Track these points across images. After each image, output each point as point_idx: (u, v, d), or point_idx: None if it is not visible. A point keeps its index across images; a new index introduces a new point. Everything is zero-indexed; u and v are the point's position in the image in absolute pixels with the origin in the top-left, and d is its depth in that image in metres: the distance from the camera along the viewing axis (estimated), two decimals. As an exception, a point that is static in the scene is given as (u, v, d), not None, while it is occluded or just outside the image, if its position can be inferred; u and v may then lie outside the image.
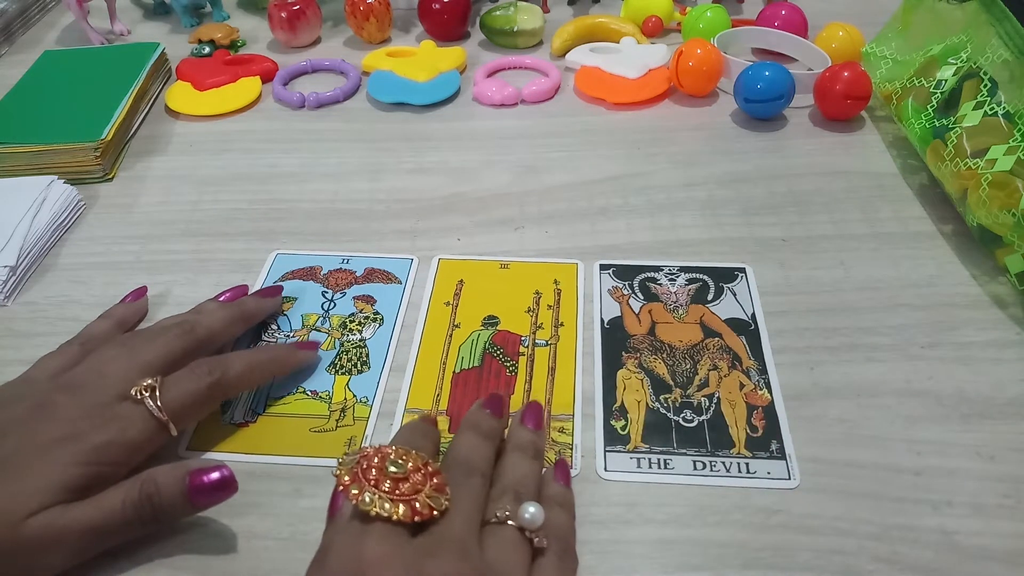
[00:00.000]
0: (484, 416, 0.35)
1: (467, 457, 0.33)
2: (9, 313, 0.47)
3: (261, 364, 0.40)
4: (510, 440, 0.35)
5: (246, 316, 0.43)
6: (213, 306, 0.42)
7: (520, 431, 0.36)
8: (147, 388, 0.35)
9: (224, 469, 0.33)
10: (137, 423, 0.34)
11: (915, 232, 0.51)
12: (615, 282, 0.48)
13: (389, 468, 0.29)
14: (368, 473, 0.29)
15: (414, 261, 0.50)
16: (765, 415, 0.40)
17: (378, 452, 0.30)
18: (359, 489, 0.28)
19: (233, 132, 0.63)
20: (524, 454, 0.34)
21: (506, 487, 0.32)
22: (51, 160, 0.57)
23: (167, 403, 0.35)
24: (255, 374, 0.39)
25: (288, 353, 0.42)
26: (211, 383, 0.36)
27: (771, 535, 0.35)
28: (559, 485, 0.35)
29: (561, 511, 0.33)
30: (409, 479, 0.29)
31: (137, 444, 0.34)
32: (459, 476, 0.31)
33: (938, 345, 0.43)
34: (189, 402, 0.36)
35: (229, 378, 0.37)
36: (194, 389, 0.36)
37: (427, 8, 0.73)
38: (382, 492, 0.28)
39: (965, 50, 0.52)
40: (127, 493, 0.32)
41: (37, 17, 0.82)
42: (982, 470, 0.37)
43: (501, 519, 0.30)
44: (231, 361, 0.38)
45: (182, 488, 0.33)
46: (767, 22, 0.70)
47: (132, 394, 0.34)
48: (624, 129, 0.62)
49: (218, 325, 0.40)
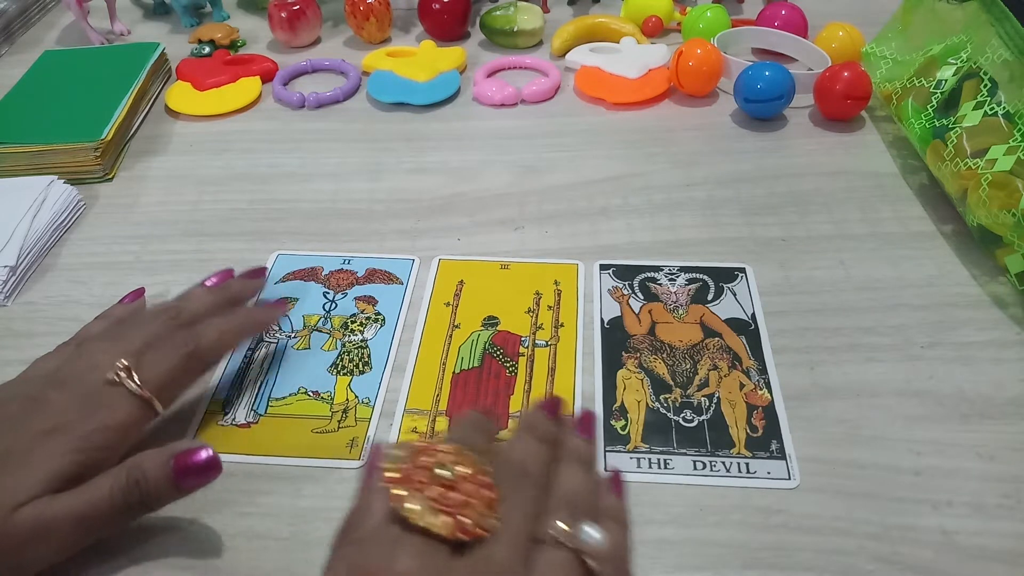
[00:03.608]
0: (541, 418, 0.33)
1: (522, 461, 0.30)
2: (9, 313, 0.47)
3: (233, 329, 0.40)
4: (565, 448, 0.32)
5: (231, 298, 0.43)
6: (199, 291, 0.42)
7: (576, 440, 0.33)
8: (123, 369, 0.35)
9: (208, 449, 0.33)
10: (122, 405, 0.34)
11: (915, 232, 0.51)
12: (615, 282, 0.48)
13: (439, 472, 0.27)
14: (417, 473, 0.27)
15: (415, 261, 0.50)
16: (765, 415, 0.40)
17: (431, 450, 0.28)
18: (404, 490, 0.26)
19: (233, 132, 0.63)
20: (580, 465, 0.31)
21: (560, 500, 0.29)
22: (51, 160, 0.57)
23: (146, 380, 0.35)
24: (228, 339, 0.40)
25: (258, 312, 0.43)
26: (186, 353, 0.37)
27: (771, 535, 0.35)
28: (613, 498, 0.31)
29: (616, 528, 0.30)
30: (459, 488, 0.27)
31: (125, 426, 0.34)
32: (512, 482, 0.28)
33: (938, 345, 0.43)
34: (167, 376, 0.36)
35: (204, 346, 0.38)
36: (170, 363, 0.36)
37: (427, 8, 0.73)
38: (428, 499, 0.26)
39: (965, 50, 0.52)
40: (114, 480, 0.32)
41: (37, 17, 0.82)
42: (982, 470, 0.37)
43: (556, 539, 0.27)
44: (204, 330, 0.39)
45: (168, 471, 0.33)
46: (767, 22, 0.70)
47: (110, 377, 0.35)
48: (624, 129, 0.62)
49: (203, 309, 0.41)
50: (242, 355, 0.44)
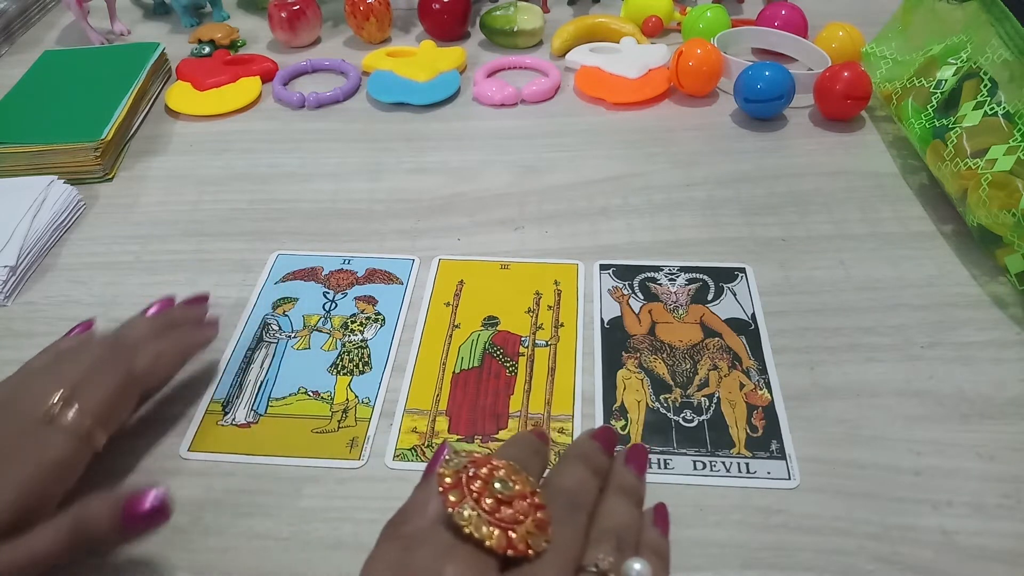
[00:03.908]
0: (594, 449, 0.32)
1: (573, 490, 0.30)
2: (9, 313, 0.47)
3: (169, 351, 0.40)
4: (613, 480, 0.32)
5: (172, 324, 0.42)
6: (139, 320, 0.41)
7: (625, 473, 0.32)
8: (58, 402, 0.33)
9: (159, 492, 0.31)
10: (57, 442, 0.33)
11: (915, 232, 0.51)
12: (615, 282, 0.48)
13: (495, 485, 0.27)
14: (473, 483, 0.27)
15: (415, 261, 0.50)
16: (765, 415, 0.40)
17: (488, 463, 0.28)
18: (459, 497, 0.26)
19: (233, 132, 0.63)
20: (628, 498, 0.31)
21: (606, 532, 0.29)
22: (51, 160, 0.57)
23: (83, 410, 0.33)
24: (165, 361, 0.39)
25: (192, 333, 0.42)
26: (122, 377, 0.36)
27: (771, 535, 0.35)
28: (656, 532, 0.31)
29: (658, 563, 0.30)
30: (513, 504, 0.27)
31: (61, 464, 0.32)
32: (562, 509, 0.28)
33: (938, 345, 0.43)
34: (105, 403, 0.34)
35: (140, 369, 0.37)
36: (107, 390, 0.35)
37: (427, 8, 0.73)
38: (482, 510, 0.26)
39: (965, 50, 0.52)
40: (57, 530, 0.30)
41: (37, 17, 0.82)
42: (982, 470, 0.37)
43: (601, 571, 0.27)
44: (140, 353, 0.38)
45: (116, 519, 0.31)
46: (767, 22, 0.70)
47: (47, 413, 0.33)
48: (624, 129, 0.62)
49: (142, 335, 0.39)
50: (242, 355, 0.44)
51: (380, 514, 0.30)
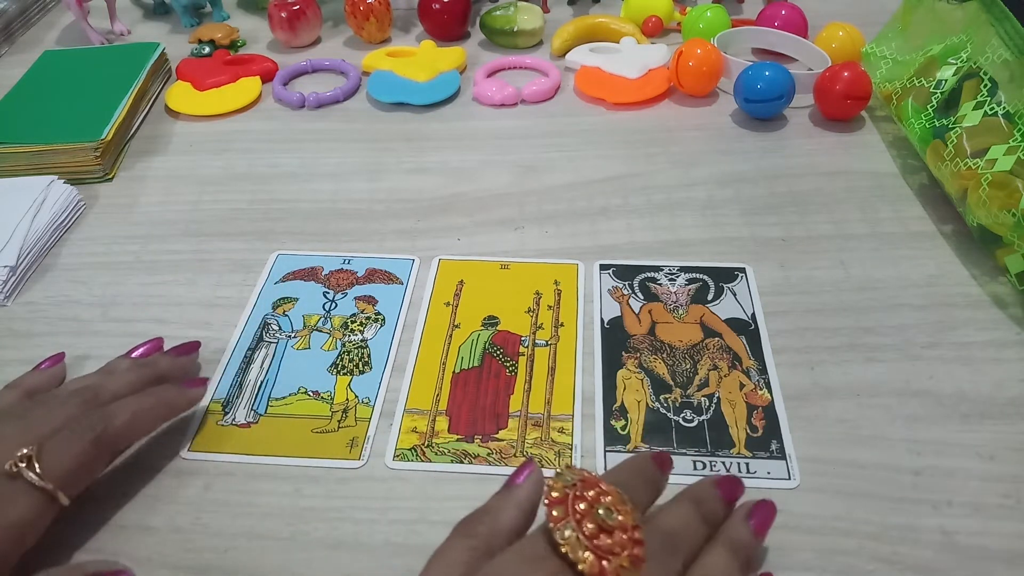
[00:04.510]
0: (713, 497, 0.31)
1: (676, 532, 0.29)
2: (9, 313, 0.47)
3: (148, 410, 0.36)
4: (725, 531, 0.31)
5: (158, 376, 0.39)
6: (124, 366, 0.39)
7: (740, 527, 0.31)
8: (23, 459, 0.31)
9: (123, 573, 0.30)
10: (18, 500, 0.30)
11: (915, 232, 0.51)
12: (615, 282, 0.48)
13: (599, 512, 0.27)
14: (578, 503, 0.27)
15: (415, 261, 0.50)
16: (765, 415, 0.40)
17: (597, 487, 0.27)
18: (562, 515, 0.26)
19: (233, 132, 0.63)
20: (733, 555, 0.29)
21: None
22: (51, 160, 0.57)
23: (49, 470, 0.31)
24: (142, 421, 0.36)
25: (177, 395, 0.38)
26: (94, 438, 0.33)
27: (771, 535, 0.34)
28: None
29: None
30: (613, 535, 0.26)
31: (22, 523, 0.30)
32: (659, 549, 0.28)
33: (938, 345, 0.43)
34: (74, 464, 0.32)
35: (114, 430, 0.34)
36: (78, 449, 0.32)
37: (427, 8, 0.73)
38: (582, 533, 0.26)
39: (965, 50, 0.52)
40: None
41: (37, 17, 0.82)
42: (982, 470, 0.37)
43: None
44: (115, 411, 0.34)
45: None
46: (767, 22, 0.70)
47: (9, 469, 0.31)
48: (624, 129, 0.62)
49: (125, 389, 0.37)
50: (242, 355, 0.44)
51: (380, 514, 0.30)
